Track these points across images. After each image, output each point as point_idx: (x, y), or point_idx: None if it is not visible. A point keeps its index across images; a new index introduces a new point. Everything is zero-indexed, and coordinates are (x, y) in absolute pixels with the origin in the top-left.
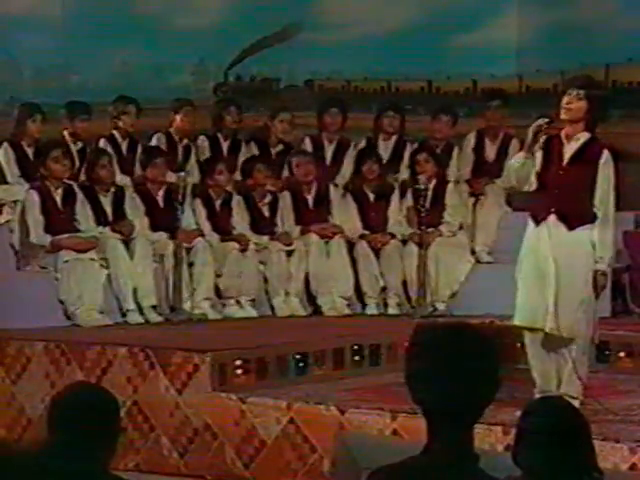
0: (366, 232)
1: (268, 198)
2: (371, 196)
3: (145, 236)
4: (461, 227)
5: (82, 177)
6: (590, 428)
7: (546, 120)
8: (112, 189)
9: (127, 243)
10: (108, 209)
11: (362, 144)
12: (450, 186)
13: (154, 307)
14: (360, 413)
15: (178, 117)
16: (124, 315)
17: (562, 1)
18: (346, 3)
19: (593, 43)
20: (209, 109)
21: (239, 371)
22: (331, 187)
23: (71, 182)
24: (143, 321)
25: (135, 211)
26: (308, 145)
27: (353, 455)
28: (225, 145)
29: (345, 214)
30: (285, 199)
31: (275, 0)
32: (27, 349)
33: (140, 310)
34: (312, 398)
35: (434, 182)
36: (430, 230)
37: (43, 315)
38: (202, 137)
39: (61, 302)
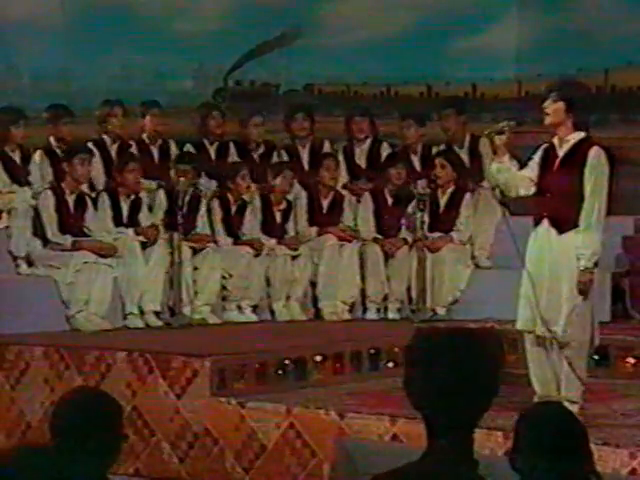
0: (379, 236)
1: (283, 205)
2: (390, 200)
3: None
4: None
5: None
6: (587, 433)
7: (511, 123)
8: (132, 195)
9: (144, 248)
10: (125, 212)
11: (340, 150)
12: (468, 196)
13: (154, 311)
14: (360, 418)
15: (147, 120)
16: (125, 318)
17: (561, 6)
18: (345, 8)
19: (592, 47)
20: (194, 114)
21: (238, 376)
22: (346, 194)
23: (85, 190)
24: (143, 325)
25: (151, 218)
26: (284, 155)
27: (353, 460)
28: (212, 150)
29: (361, 214)
30: (301, 200)
31: (274, 5)
32: (26, 354)
33: (141, 314)
34: (312, 403)
35: (452, 188)
36: (438, 235)
37: (42, 320)
38: (188, 144)
39: (64, 303)
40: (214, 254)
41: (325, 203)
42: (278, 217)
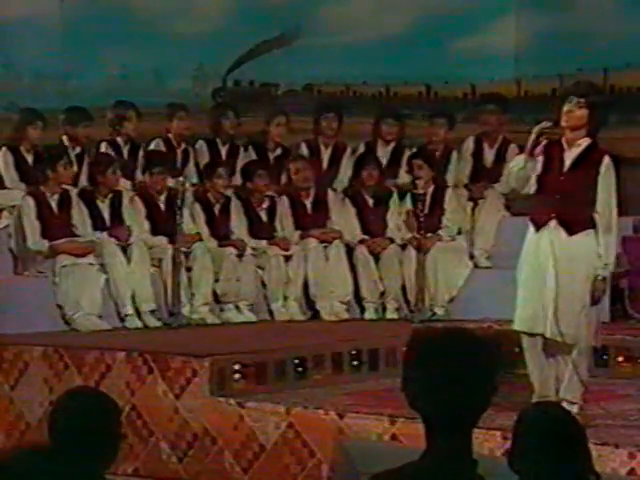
0: (365, 237)
1: (266, 203)
2: (370, 201)
3: (145, 240)
4: (459, 232)
5: (81, 181)
6: (585, 433)
7: (550, 124)
8: (110, 195)
9: (125, 248)
10: (106, 214)
11: (361, 149)
12: (449, 191)
13: (152, 312)
14: (359, 418)
15: (174, 123)
16: (122, 320)
17: (560, 6)
18: (345, 8)
19: (591, 48)
20: (208, 114)
21: (238, 376)
22: (329, 192)
23: (68, 188)
24: (142, 326)
25: (134, 216)
26: (304, 150)
27: (352, 460)
28: (224, 150)
29: (344, 219)
30: (283, 204)
31: (274, 5)
32: (25, 354)
33: (138, 315)
34: (311, 403)
35: (432, 187)
36: (429, 235)
37: (41, 320)
38: (200, 142)
39: (59, 307)
40: (203, 254)
41: (308, 203)
42: (263, 216)
